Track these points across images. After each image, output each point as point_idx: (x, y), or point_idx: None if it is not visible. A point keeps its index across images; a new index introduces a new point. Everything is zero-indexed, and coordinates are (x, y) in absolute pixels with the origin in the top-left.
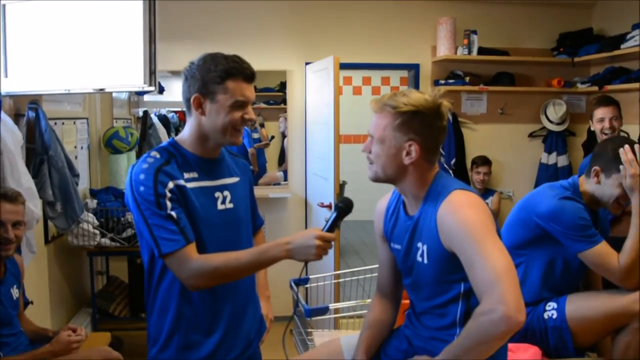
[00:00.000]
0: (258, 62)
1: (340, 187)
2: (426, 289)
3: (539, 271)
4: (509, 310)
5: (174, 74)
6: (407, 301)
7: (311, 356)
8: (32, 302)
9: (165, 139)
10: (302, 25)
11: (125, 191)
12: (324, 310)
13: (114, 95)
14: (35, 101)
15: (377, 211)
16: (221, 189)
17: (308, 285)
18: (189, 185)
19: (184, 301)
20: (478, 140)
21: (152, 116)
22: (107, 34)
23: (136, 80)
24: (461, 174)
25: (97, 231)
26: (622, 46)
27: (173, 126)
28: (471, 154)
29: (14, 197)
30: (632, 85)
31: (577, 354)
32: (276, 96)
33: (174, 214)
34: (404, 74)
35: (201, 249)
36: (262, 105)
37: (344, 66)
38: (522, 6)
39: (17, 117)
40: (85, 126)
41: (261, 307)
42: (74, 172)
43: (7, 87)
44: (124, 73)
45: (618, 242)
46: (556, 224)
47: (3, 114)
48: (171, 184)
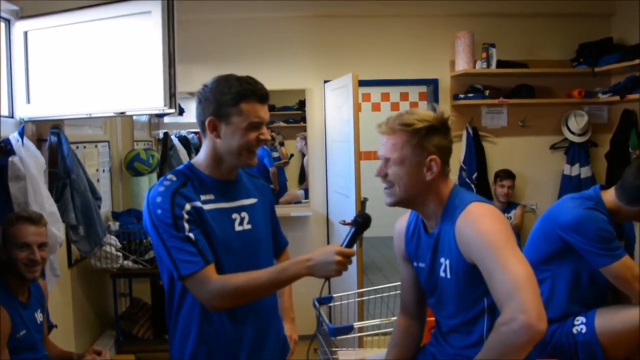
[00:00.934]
0: (277, 81)
1: (362, 203)
2: (450, 305)
3: (565, 286)
4: (529, 318)
5: (194, 95)
6: (431, 318)
7: None
8: (56, 326)
9: (186, 160)
10: (320, 44)
11: (143, 215)
12: (349, 329)
13: (134, 117)
14: (57, 125)
15: (397, 232)
16: (238, 210)
17: (332, 304)
18: (206, 207)
19: (205, 323)
20: (499, 153)
21: (173, 137)
22: (127, 57)
23: (156, 103)
24: (483, 188)
25: (119, 253)
26: None
27: (193, 147)
28: (493, 167)
29: (37, 219)
30: None
31: None
32: (295, 115)
33: (192, 235)
34: (423, 89)
35: (219, 271)
36: (282, 124)
37: (362, 83)
38: (540, 18)
39: (39, 141)
40: (107, 149)
41: (285, 329)
42: (96, 195)
43: (29, 113)
44: (144, 96)
45: None
46: (578, 235)
47: (26, 139)
48: (188, 206)
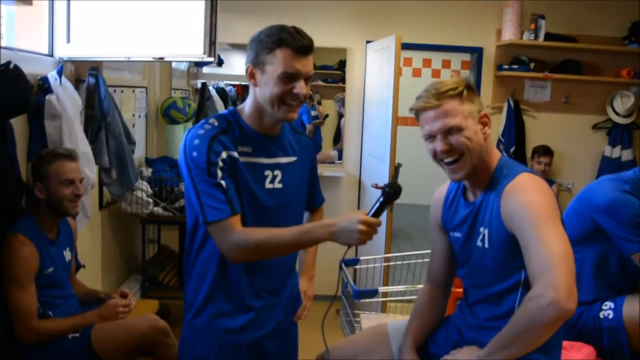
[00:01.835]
0: (318, 38)
1: (396, 168)
2: (485, 276)
3: (594, 269)
4: (558, 296)
5: (234, 46)
6: (458, 289)
7: (357, 339)
8: (84, 266)
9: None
10: (364, 3)
11: (179, 154)
12: (374, 293)
13: (173, 65)
14: (96, 67)
15: (435, 200)
16: (272, 167)
17: (357, 267)
18: (242, 159)
19: (221, 273)
20: (539, 129)
21: (210, 88)
22: (169, 3)
23: (196, 50)
24: (520, 162)
25: (150, 199)
26: None
27: (230, 99)
28: (531, 142)
29: (75, 156)
30: None
31: (633, 357)
32: (334, 74)
33: (223, 183)
34: (466, 57)
35: (244, 225)
36: (320, 83)
37: (405, 46)
38: None
39: (77, 82)
40: (144, 95)
41: (302, 284)
42: (131, 140)
43: (69, 52)
44: (184, 42)
45: None
46: (611, 218)
47: (64, 78)
48: (224, 154)
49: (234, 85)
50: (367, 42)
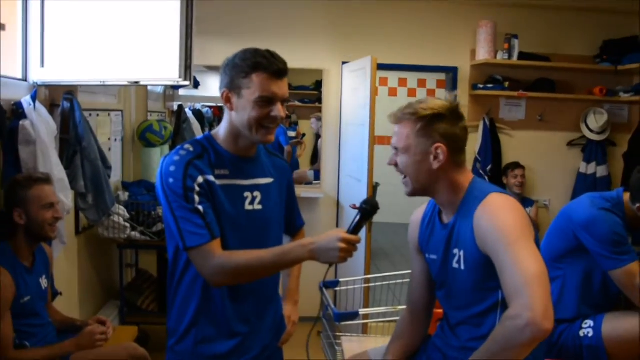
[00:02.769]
0: (294, 60)
1: (374, 188)
2: (462, 297)
3: (576, 286)
4: (535, 316)
5: (210, 69)
6: (439, 310)
7: None
8: (60, 293)
9: (199, 134)
10: (340, 25)
11: (156, 181)
12: (354, 316)
13: (149, 88)
14: (70, 92)
15: (412, 222)
16: (251, 188)
17: (338, 289)
18: (219, 182)
19: (205, 298)
20: (515, 146)
21: (187, 110)
22: (144, 26)
23: (171, 74)
24: (497, 180)
25: (127, 224)
26: None
27: (207, 121)
28: (507, 160)
29: (49, 179)
30: None
31: None
32: (311, 95)
33: (201, 208)
34: (441, 76)
35: (224, 248)
36: (297, 103)
37: (381, 67)
38: (565, 11)
39: (52, 107)
40: (120, 118)
41: (286, 309)
42: (107, 165)
43: (43, 77)
44: (159, 66)
45: None
46: (589, 235)
47: (38, 103)
48: (200, 179)
49: (210, 107)
50: (343, 63)
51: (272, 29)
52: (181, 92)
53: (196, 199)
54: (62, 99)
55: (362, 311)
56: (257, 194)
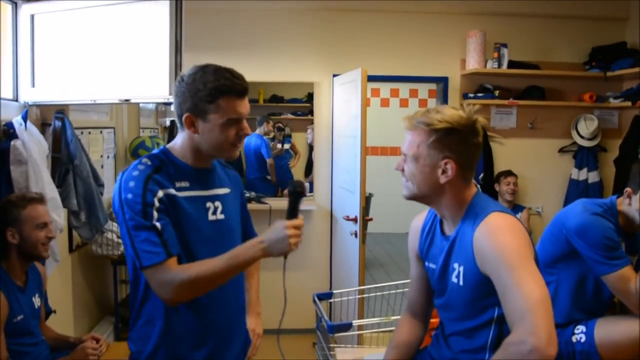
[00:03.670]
0: (286, 73)
1: (366, 199)
2: (459, 310)
3: (569, 291)
4: (539, 342)
5: None
6: (435, 320)
7: None
8: (54, 311)
9: None
10: (330, 37)
11: (113, 198)
12: (347, 327)
13: (141, 105)
14: (61, 110)
15: (412, 229)
16: (212, 199)
17: (332, 300)
18: (181, 194)
19: (171, 313)
20: (507, 154)
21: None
22: (134, 44)
23: (162, 91)
24: (489, 188)
25: (120, 241)
26: None
27: None
28: (499, 168)
29: (43, 199)
30: None
31: None
32: (303, 107)
33: (158, 225)
34: (433, 86)
35: (193, 260)
36: (290, 116)
37: (372, 78)
38: (553, 19)
39: (43, 126)
40: (112, 135)
41: (249, 322)
42: (99, 182)
43: (34, 97)
44: (149, 84)
45: None
46: (582, 240)
47: (29, 123)
48: (161, 193)
49: None
50: (334, 75)
51: (262, 43)
52: (173, 107)
53: (154, 215)
54: (53, 117)
55: (356, 322)
56: (218, 203)
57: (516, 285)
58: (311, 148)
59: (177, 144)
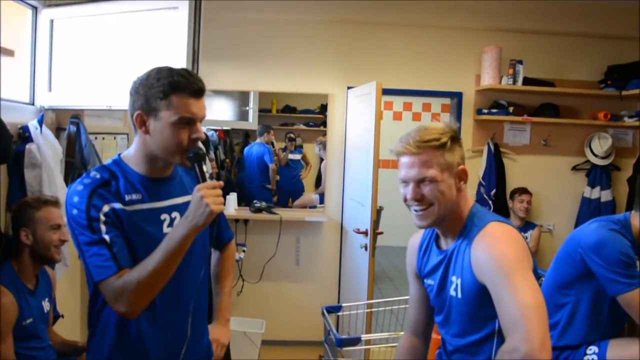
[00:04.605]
0: (300, 84)
1: (377, 212)
2: (459, 325)
3: (586, 312)
4: (532, 349)
5: (216, 92)
6: (437, 337)
7: None
8: (62, 316)
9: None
10: (346, 50)
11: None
12: (356, 341)
13: None
14: (77, 115)
15: (410, 248)
16: (168, 210)
17: (340, 313)
18: (131, 207)
19: (124, 326)
20: (519, 171)
21: None
22: (151, 52)
23: None
24: (501, 205)
25: None
26: None
27: (212, 144)
28: (512, 185)
29: (58, 202)
30: None
31: None
32: (316, 118)
33: (107, 238)
34: (446, 101)
35: None
36: (302, 127)
37: (386, 92)
38: (569, 37)
39: (58, 130)
40: (126, 141)
41: (214, 331)
42: None
43: (50, 101)
44: None
45: None
46: (598, 256)
47: (45, 127)
48: (106, 208)
49: (215, 130)
50: (349, 87)
51: (277, 54)
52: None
53: (102, 228)
54: (68, 122)
55: (365, 336)
56: (175, 214)
57: (511, 293)
58: (321, 160)
59: (131, 152)
